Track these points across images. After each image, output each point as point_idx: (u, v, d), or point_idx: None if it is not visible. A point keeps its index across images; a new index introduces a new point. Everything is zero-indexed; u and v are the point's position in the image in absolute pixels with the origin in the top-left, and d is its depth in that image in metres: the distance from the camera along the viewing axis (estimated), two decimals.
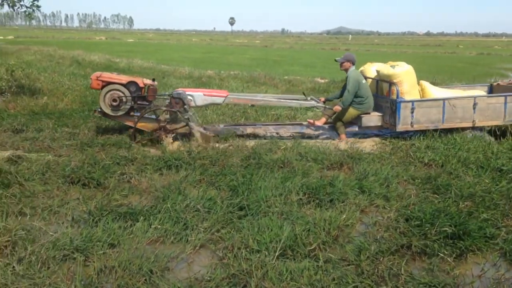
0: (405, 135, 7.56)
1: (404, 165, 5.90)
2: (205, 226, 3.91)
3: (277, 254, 3.39)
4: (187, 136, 6.92)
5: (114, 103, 6.83)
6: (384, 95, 7.60)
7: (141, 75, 15.50)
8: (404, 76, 7.36)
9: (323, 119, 7.70)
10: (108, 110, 6.91)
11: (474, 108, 7.31)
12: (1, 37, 50.23)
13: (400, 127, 7.27)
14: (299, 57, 31.87)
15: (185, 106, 7.04)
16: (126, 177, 5.17)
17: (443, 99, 7.33)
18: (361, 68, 8.14)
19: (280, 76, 16.27)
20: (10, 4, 10.37)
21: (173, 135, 6.90)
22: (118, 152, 6.05)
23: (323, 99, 7.88)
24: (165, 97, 7.55)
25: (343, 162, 5.87)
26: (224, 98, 7.36)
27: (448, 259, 3.49)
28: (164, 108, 7.03)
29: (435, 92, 7.62)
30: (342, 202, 4.50)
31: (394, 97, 7.24)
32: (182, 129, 6.97)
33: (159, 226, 3.85)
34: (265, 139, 7.17)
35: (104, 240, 3.55)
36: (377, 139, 7.59)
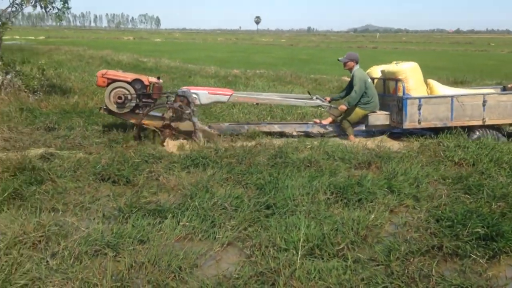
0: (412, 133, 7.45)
1: (433, 165, 5.80)
2: (232, 224, 3.93)
3: (305, 253, 3.38)
4: (191, 134, 6.90)
5: (119, 101, 6.87)
6: (390, 93, 7.55)
7: (168, 74, 15.73)
8: (409, 73, 7.32)
9: (329, 119, 7.72)
10: (113, 107, 6.97)
11: (484, 106, 7.17)
12: (33, 38, 51.59)
13: (407, 124, 7.19)
14: (325, 56, 31.65)
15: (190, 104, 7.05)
16: (155, 175, 5.23)
17: (451, 96, 7.22)
18: (368, 71, 8.11)
19: (306, 75, 16.22)
20: (43, 6, 10.64)
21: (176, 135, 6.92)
22: (146, 150, 6.12)
23: (328, 98, 7.84)
24: (171, 95, 7.53)
25: (371, 161, 5.80)
26: (228, 96, 7.38)
27: (481, 260, 3.41)
28: (168, 105, 7.04)
29: (443, 90, 7.52)
30: (371, 202, 4.45)
31: (401, 94, 7.18)
32: (186, 127, 6.96)
33: (187, 224, 3.88)
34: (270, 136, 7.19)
35: (134, 237, 3.60)
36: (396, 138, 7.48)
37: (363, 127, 7.69)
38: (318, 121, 7.81)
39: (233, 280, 3.11)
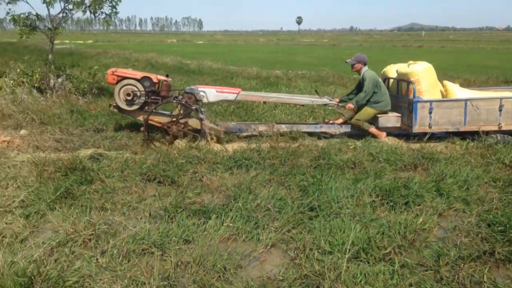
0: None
1: (483, 167, 5.57)
2: (276, 225, 3.92)
3: (350, 256, 3.32)
4: (199, 132, 6.92)
5: (128, 97, 7.00)
6: (403, 94, 7.30)
7: (211, 76, 15.92)
8: (422, 74, 7.04)
9: (341, 120, 7.63)
10: (122, 105, 7.11)
11: (500, 110, 6.80)
12: (82, 42, 53.56)
13: (416, 128, 6.95)
14: (368, 55, 30.81)
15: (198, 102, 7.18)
16: (198, 175, 5.30)
17: (465, 100, 6.88)
18: (384, 70, 7.99)
19: (349, 75, 15.97)
20: (92, 11, 11.02)
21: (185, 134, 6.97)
22: (190, 152, 6.21)
23: (338, 99, 7.76)
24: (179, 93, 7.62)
25: (417, 163, 5.65)
26: (236, 95, 7.46)
27: None
28: (174, 101, 7.13)
29: (459, 93, 7.16)
30: (418, 205, 4.33)
31: (412, 96, 6.92)
32: (194, 124, 7.01)
33: (231, 224, 3.91)
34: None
35: (179, 236, 3.66)
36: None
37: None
38: (330, 121, 7.78)
39: (277, 282, 3.11)
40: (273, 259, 3.51)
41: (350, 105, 7.41)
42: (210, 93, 7.36)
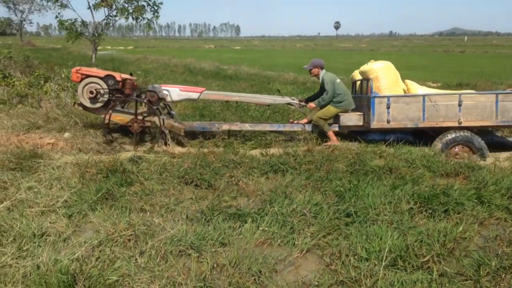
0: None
1: None
2: (311, 231, 3.91)
3: (387, 263, 3.27)
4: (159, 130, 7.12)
5: (91, 95, 7.13)
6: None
7: (248, 81, 16.02)
8: (381, 72, 7.11)
9: (305, 120, 7.73)
10: (86, 102, 7.24)
11: (459, 106, 6.71)
12: (123, 48, 55.06)
13: (374, 124, 6.94)
14: (408, 60, 30.57)
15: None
16: (235, 179, 5.34)
17: (423, 95, 6.84)
18: (352, 74, 8.20)
19: None
20: (135, 17, 11.36)
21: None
22: (226, 156, 6.28)
23: (303, 100, 7.91)
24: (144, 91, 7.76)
25: (459, 171, 5.50)
26: (199, 94, 7.63)
27: None
28: (133, 99, 7.31)
29: (421, 92, 7.14)
30: (458, 213, 4.22)
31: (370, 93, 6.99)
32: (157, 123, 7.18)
33: (266, 229, 3.92)
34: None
35: (215, 239, 3.71)
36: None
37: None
38: (294, 121, 7.87)
39: (312, 287, 3.10)
40: (308, 264, 3.49)
41: (312, 104, 7.62)
42: (174, 92, 7.57)
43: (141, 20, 11.57)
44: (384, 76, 7.19)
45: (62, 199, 4.51)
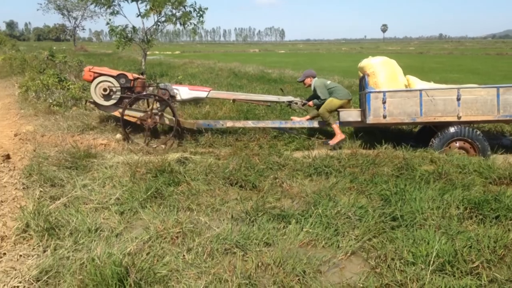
0: None
1: None
2: (356, 233, 3.90)
3: (434, 268, 3.22)
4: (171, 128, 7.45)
5: (104, 93, 7.33)
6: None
7: (292, 85, 16.03)
8: (378, 67, 7.00)
9: (307, 117, 7.98)
10: (99, 100, 7.43)
11: (458, 100, 6.46)
12: (170, 53, 56.38)
13: (371, 119, 6.82)
14: (459, 64, 29.59)
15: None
16: (279, 181, 5.40)
17: (420, 90, 6.65)
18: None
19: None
20: (182, 23, 11.67)
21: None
22: (270, 158, 6.34)
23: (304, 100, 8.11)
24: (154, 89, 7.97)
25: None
26: (207, 92, 7.94)
27: None
28: (145, 96, 7.67)
29: (422, 86, 6.94)
30: (510, 220, 4.08)
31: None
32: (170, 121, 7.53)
33: (310, 230, 3.95)
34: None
35: (260, 239, 3.77)
36: None
37: None
38: (296, 118, 8.03)
39: None
40: (353, 266, 3.49)
41: (311, 103, 7.89)
42: (183, 91, 7.84)
43: (188, 25, 11.89)
44: (381, 71, 7.08)
45: (115, 196, 4.72)
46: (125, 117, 7.50)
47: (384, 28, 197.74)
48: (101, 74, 7.57)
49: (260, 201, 4.64)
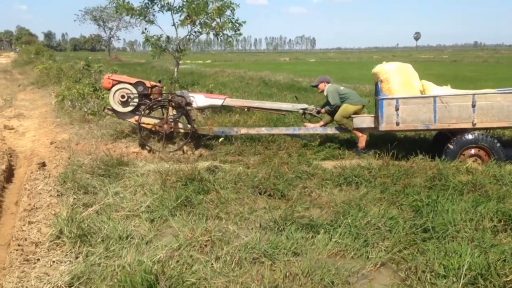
0: None
1: None
2: (386, 244, 3.84)
3: (466, 281, 3.13)
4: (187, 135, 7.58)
5: (122, 99, 7.44)
6: None
7: (321, 94, 16.00)
8: (392, 73, 6.86)
9: (321, 123, 7.94)
10: (117, 107, 7.54)
11: (473, 107, 6.25)
12: (201, 62, 57.13)
13: (383, 126, 6.66)
14: (495, 72, 28.82)
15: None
16: (307, 190, 5.38)
17: (434, 96, 6.45)
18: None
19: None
20: (215, 33, 11.82)
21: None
22: (299, 167, 6.33)
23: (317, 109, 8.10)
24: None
25: None
26: (223, 100, 8.02)
27: None
28: (161, 101, 7.74)
29: (438, 92, 6.69)
30: None
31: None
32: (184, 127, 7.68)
33: (339, 240, 3.91)
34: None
35: (288, 248, 3.77)
36: None
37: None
38: (310, 125, 8.03)
39: None
40: (383, 278, 3.44)
41: (323, 110, 7.92)
42: (199, 98, 7.91)
43: (221, 35, 12.01)
44: (395, 77, 6.93)
45: (145, 204, 4.81)
46: (142, 124, 7.65)
47: (417, 36, 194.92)
48: (119, 82, 7.74)
49: (289, 210, 4.63)
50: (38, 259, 3.74)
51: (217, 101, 8.11)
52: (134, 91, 7.67)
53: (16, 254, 3.81)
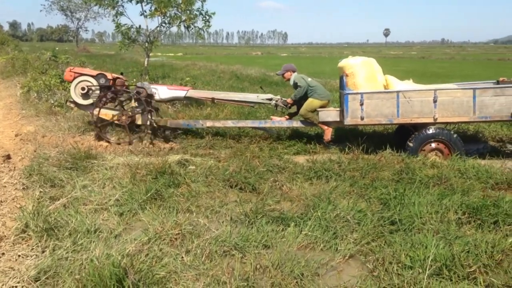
0: None
1: None
2: (354, 237, 3.91)
3: (431, 272, 3.22)
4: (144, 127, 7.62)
5: (83, 92, 7.50)
6: None
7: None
8: (357, 68, 6.99)
9: (286, 116, 8.02)
10: (78, 99, 7.60)
11: (435, 102, 6.50)
12: (172, 54, 56.43)
13: (348, 121, 6.84)
14: (461, 69, 29.60)
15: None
16: (278, 184, 5.41)
17: (397, 92, 6.66)
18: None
19: None
20: (186, 25, 11.71)
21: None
22: (270, 161, 6.35)
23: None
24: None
25: (511, 182, 5.31)
26: (186, 91, 8.05)
27: None
28: (126, 95, 7.70)
29: (400, 86, 6.94)
30: (508, 225, 4.08)
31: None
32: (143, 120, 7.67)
33: (309, 233, 3.95)
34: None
35: (258, 241, 3.78)
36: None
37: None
38: (276, 118, 8.05)
39: None
40: (351, 270, 3.50)
41: (289, 100, 7.87)
42: (162, 90, 7.93)
43: (192, 28, 11.92)
44: (360, 72, 7.03)
45: (114, 197, 4.73)
46: (101, 116, 7.64)
47: (387, 33, 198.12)
48: (81, 74, 7.73)
49: (260, 204, 4.64)
50: (3, 253, 3.64)
51: (180, 92, 8.09)
52: (96, 83, 7.61)
53: None
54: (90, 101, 7.69)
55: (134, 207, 4.54)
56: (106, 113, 7.72)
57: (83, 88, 7.56)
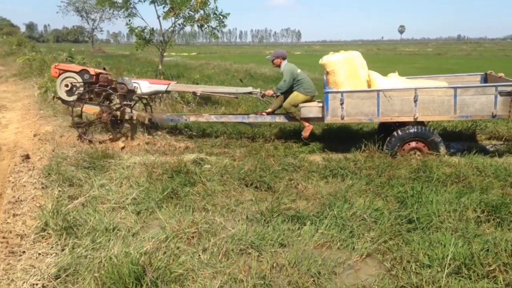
0: None
1: None
2: (371, 235, 3.89)
3: (450, 271, 3.19)
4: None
5: (67, 88, 7.57)
6: None
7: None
8: (338, 65, 6.86)
9: (269, 110, 7.90)
10: (63, 95, 7.67)
11: (415, 101, 6.40)
12: (186, 54, 56.64)
13: (329, 119, 6.75)
14: (478, 65, 29.15)
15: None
16: (294, 182, 5.41)
17: (377, 90, 6.55)
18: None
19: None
20: (199, 25, 11.74)
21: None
22: (285, 159, 6.35)
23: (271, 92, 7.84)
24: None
25: None
26: (167, 85, 7.97)
27: None
28: (99, 89, 7.64)
29: (383, 83, 6.79)
30: None
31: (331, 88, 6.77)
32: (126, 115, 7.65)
33: (325, 232, 3.95)
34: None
35: (275, 239, 3.79)
36: None
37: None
38: (259, 112, 8.03)
39: None
40: (368, 268, 3.48)
41: (270, 91, 7.72)
42: (143, 85, 7.88)
43: (206, 28, 11.96)
44: (342, 69, 6.89)
45: (131, 196, 4.78)
46: (84, 111, 7.77)
47: (402, 29, 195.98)
48: (66, 71, 7.82)
49: (275, 202, 4.65)
50: (24, 252, 3.71)
51: (161, 86, 8.09)
52: (80, 79, 7.72)
53: (1, 246, 3.77)
54: (74, 97, 7.80)
55: (151, 205, 4.58)
56: (91, 109, 7.79)
57: (66, 85, 7.69)
